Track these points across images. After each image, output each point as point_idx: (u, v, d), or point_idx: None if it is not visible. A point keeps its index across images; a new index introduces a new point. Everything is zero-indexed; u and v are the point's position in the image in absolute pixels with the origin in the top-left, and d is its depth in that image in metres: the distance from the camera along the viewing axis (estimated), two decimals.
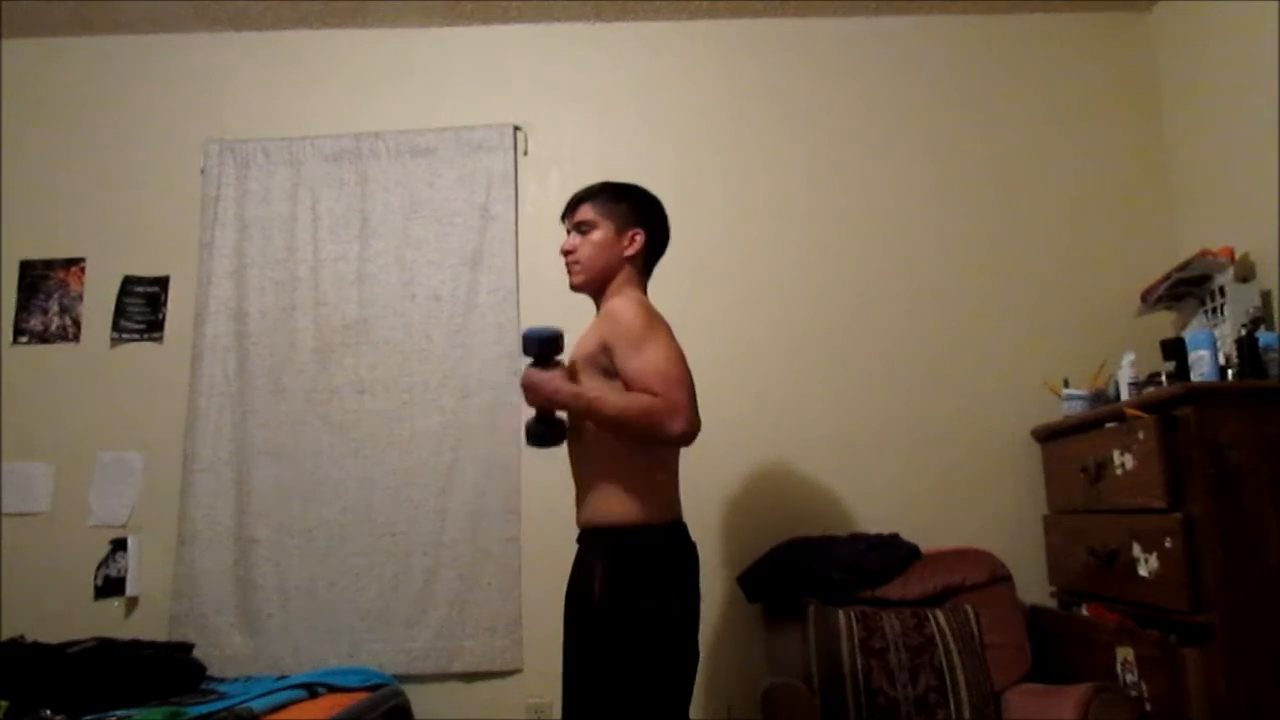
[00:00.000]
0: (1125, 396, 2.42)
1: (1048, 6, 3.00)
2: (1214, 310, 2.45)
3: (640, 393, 1.71)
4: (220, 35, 3.03)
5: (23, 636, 2.36)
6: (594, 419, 1.77)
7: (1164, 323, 2.71)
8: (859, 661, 2.31)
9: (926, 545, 2.59)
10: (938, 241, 2.90)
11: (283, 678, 2.41)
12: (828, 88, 3.00)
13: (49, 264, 2.91)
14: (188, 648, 2.47)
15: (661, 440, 1.73)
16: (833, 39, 3.03)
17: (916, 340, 2.84)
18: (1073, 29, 3.02)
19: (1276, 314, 2.39)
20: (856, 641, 2.34)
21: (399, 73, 3.01)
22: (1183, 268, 2.50)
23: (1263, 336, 2.19)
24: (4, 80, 3.01)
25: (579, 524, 1.85)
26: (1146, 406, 2.18)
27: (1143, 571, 2.13)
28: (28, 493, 2.76)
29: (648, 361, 1.73)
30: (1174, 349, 2.24)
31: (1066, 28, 3.02)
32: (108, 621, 2.64)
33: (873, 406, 2.80)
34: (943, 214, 2.92)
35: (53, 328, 2.88)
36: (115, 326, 2.86)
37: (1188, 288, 2.53)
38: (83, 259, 2.91)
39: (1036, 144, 2.96)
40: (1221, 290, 2.41)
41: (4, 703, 1.96)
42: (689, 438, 1.72)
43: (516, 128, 2.96)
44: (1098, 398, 2.55)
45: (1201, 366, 2.17)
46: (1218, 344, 2.22)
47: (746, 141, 2.97)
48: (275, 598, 2.66)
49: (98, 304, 2.88)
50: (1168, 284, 2.54)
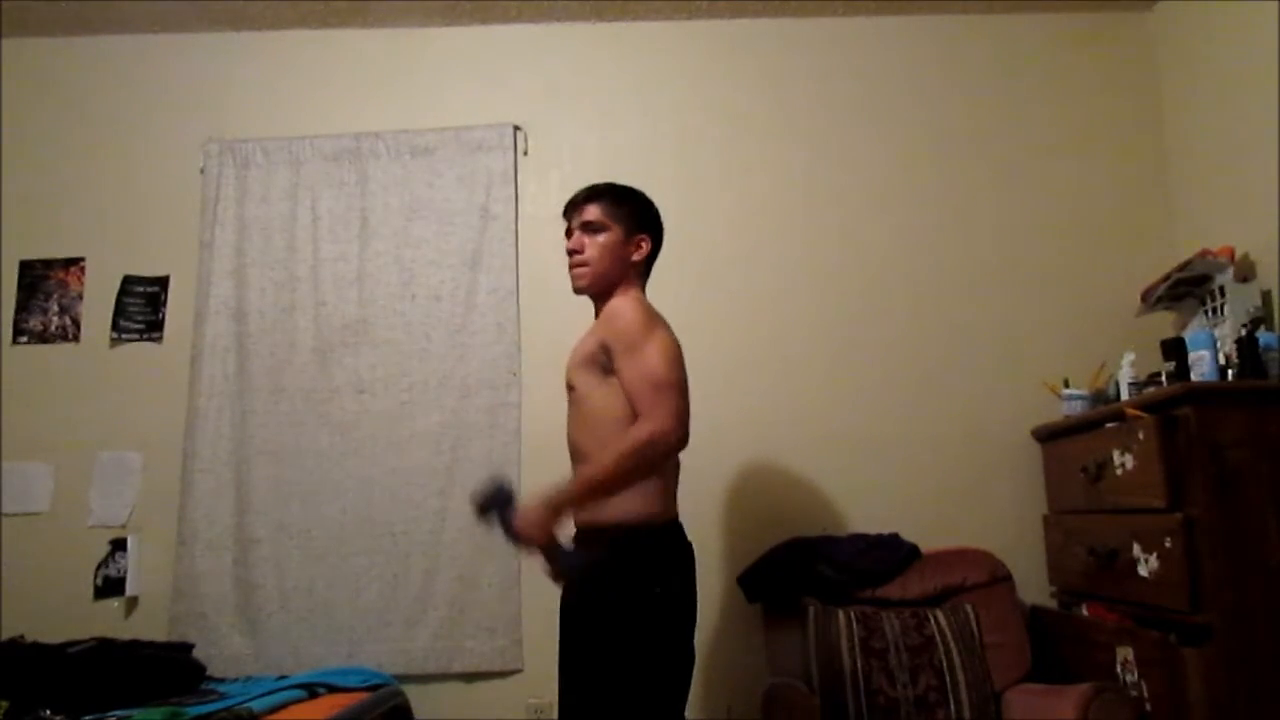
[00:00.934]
0: (1125, 396, 2.42)
1: (1048, 6, 3.00)
2: (1214, 310, 2.45)
3: (623, 425, 1.70)
4: (220, 35, 3.03)
5: (22, 636, 2.36)
6: (598, 494, 1.72)
7: (1164, 323, 2.70)
8: (859, 661, 2.31)
9: (926, 545, 2.59)
10: (938, 241, 2.90)
11: (282, 678, 2.41)
12: (827, 87, 3.00)
13: (49, 264, 2.91)
14: (187, 648, 2.46)
15: (663, 461, 1.73)
16: (833, 39, 3.03)
17: (917, 340, 2.84)
18: (1073, 29, 3.02)
19: (1276, 314, 2.39)
20: (856, 641, 2.34)
21: (399, 72, 3.01)
22: (1183, 268, 2.50)
23: (1263, 336, 2.19)
24: (4, 80, 3.00)
25: (576, 523, 1.84)
26: (1146, 406, 2.18)
27: (1143, 571, 2.13)
28: (27, 493, 2.76)
29: (641, 367, 1.72)
30: (1174, 349, 2.24)
31: (1066, 28, 3.02)
32: (107, 622, 2.64)
33: (873, 406, 2.80)
34: (943, 214, 2.92)
35: (52, 328, 2.88)
36: (115, 326, 2.86)
37: (1188, 288, 2.53)
38: (82, 259, 2.91)
39: (1036, 144, 2.96)
40: (1221, 290, 2.41)
41: (4, 703, 1.95)
42: (683, 444, 1.71)
43: (516, 127, 2.96)
44: (1098, 398, 2.56)
45: (1202, 366, 2.17)
46: (1218, 344, 2.22)
47: (746, 141, 2.97)
48: (275, 598, 2.66)
49: (97, 304, 2.88)
50: (1168, 284, 2.54)
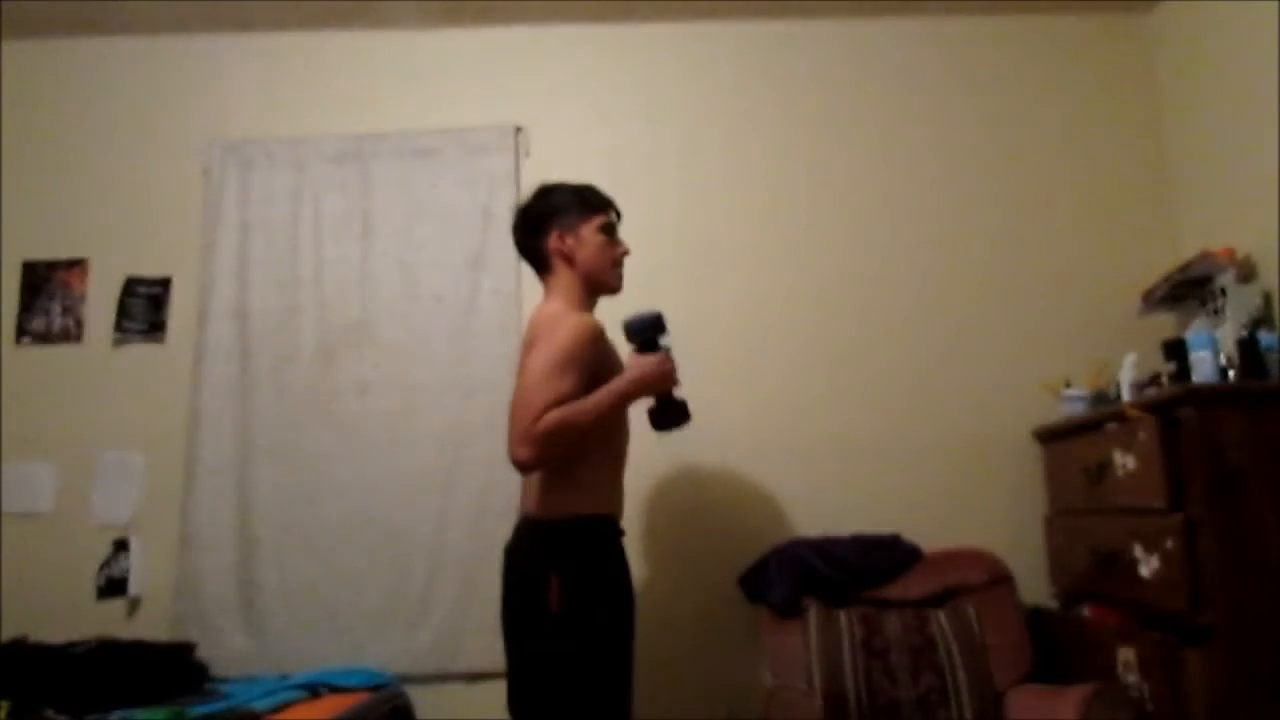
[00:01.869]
0: (1126, 397, 2.42)
1: (1048, 7, 3.00)
2: (1215, 311, 2.45)
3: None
4: (223, 36, 3.03)
5: (25, 637, 2.36)
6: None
7: (1165, 323, 2.71)
8: (860, 662, 2.31)
9: (928, 546, 2.59)
10: (938, 242, 2.91)
11: (285, 678, 2.41)
12: (828, 89, 3.01)
13: (52, 265, 2.91)
14: (190, 648, 2.46)
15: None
16: (833, 41, 3.03)
17: (917, 340, 2.84)
18: (1073, 29, 3.02)
19: (1278, 315, 2.39)
20: (858, 642, 2.35)
21: (401, 74, 3.02)
22: (1184, 268, 2.50)
23: (1264, 337, 2.19)
24: (5, 80, 3.01)
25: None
26: (1147, 407, 2.17)
27: (1143, 572, 2.13)
28: (30, 493, 2.76)
29: None
30: (1175, 350, 2.24)
31: (1066, 28, 3.02)
32: (110, 622, 2.64)
33: (874, 407, 2.80)
34: (943, 214, 2.92)
35: (55, 328, 2.88)
36: (118, 327, 2.86)
37: (1189, 288, 2.53)
38: (85, 260, 2.91)
39: (1037, 144, 2.96)
40: (1223, 291, 2.41)
41: (6, 703, 1.96)
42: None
43: (518, 129, 2.96)
44: (1099, 398, 2.55)
45: (1203, 367, 2.17)
46: (1219, 345, 2.21)
47: (747, 142, 2.97)
48: (277, 598, 2.66)
49: (100, 305, 2.88)
50: (1169, 285, 2.54)
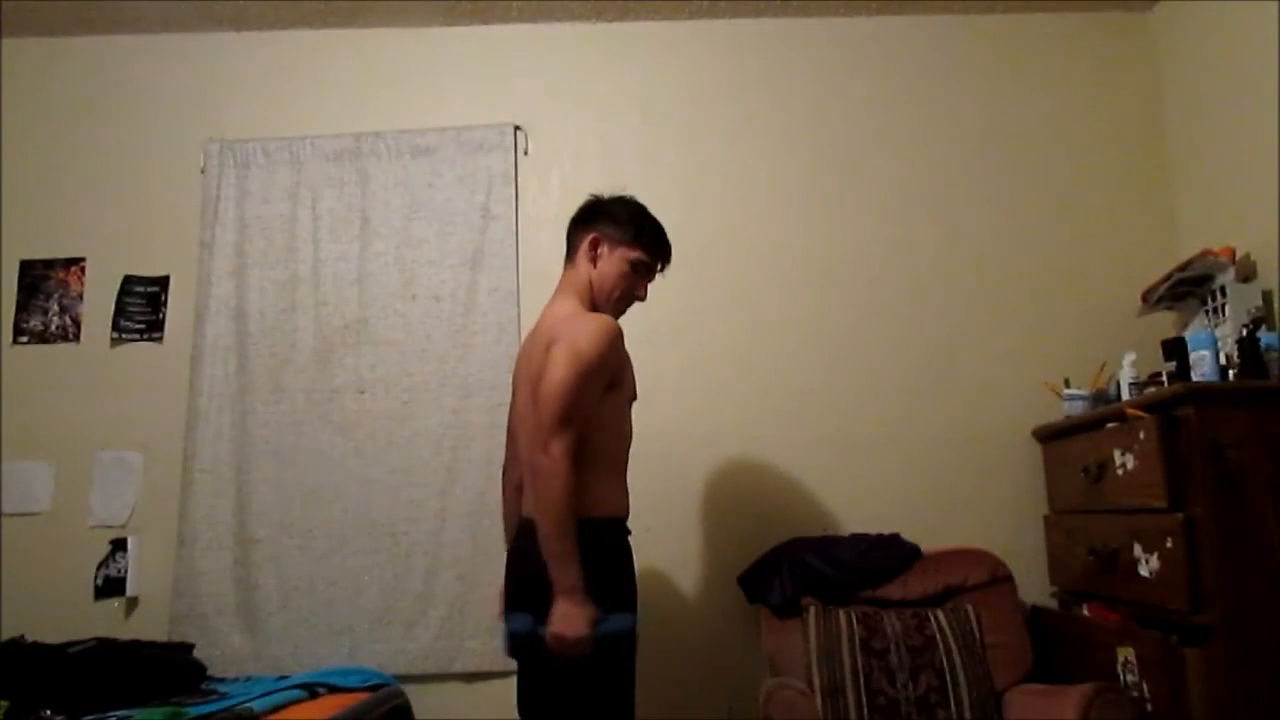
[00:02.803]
0: (1126, 396, 2.42)
1: (1048, 6, 3.00)
2: (1215, 310, 2.45)
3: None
4: (220, 35, 3.03)
5: (23, 636, 2.35)
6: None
7: (1165, 323, 2.70)
8: (860, 661, 2.31)
9: (927, 545, 2.58)
10: (938, 241, 2.90)
11: (283, 678, 2.41)
12: (828, 88, 3.00)
13: (49, 264, 2.91)
14: (188, 648, 2.46)
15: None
16: (833, 39, 3.03)
17: (917, 340, 2.84)
18: (1073, 29, 3.01)
19: (1277, 314, 2.38)
20: (857, 641, 2.34)
21: (399, 72, 3.01)
22: (1184, 267, 2.50)
23: (1264, 336, 2.19)
24: (4, 80, 3.00)
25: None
26: (1147, 407, 2.17)
27: (1143, 572, 2.13)
28: (28, 493, 2.76)
29: None
30: (1175, 349, 2.24)
31: (1066, 28, 3.02)
32: (108, 622, 2.64)
33: (874, 406, 2.80)
34: (943, 213, 2.92)
35: (53, 327, 2.87)
36: (115, 326, 2.86)
37: (1189, 288, 2.53)
38: (83, 259, 2.91)
39: (1037, 144, 2.96)
40: (1223, 290, 2.41)
41: (4, 703, 1.95)
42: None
43: (517, 127, 2.96)
44: (1098, 398, 2.55)
45: (1202, 366, 2.17)
46: (1219, 344, 2.22)
47: (747, 141, 2.97)
48: (275, 598, 2.66)
49: (98, 304, 2.87)
50: (1169, 284, 2.54)
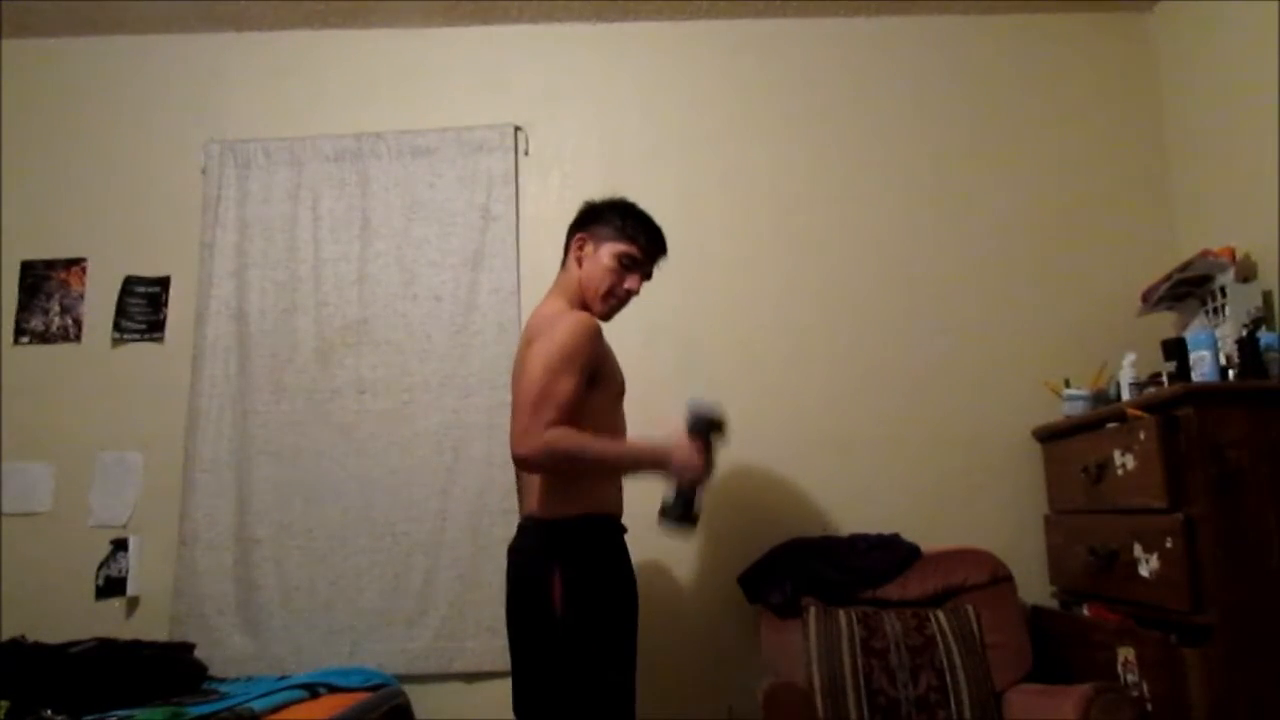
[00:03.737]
0: (1126, 397, 2.42)
1: (1048, 6, 3.00)
2: (1215, 310, 2.45)
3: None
4: (221, 35, 3.03)
5: (23, 636, 2.35)
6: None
7: (1165, 323, 2.70)
8: (860, 661, 2.31)
9: (927, 545, 2.59)
10: (938, 241, 2.90)
11: (284, 678, 2.41)
12: (828, 88, 3.00)
13: (50, 264, 2.91)
14: (189, 648, 2.46)
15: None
16: (833, 39, 3.03)
17: (917, 340, 2.84)
18: (1073, 29, 3.01)
19: (1277, 314, 2.39)
20: (857, 641, 2.34)
21: (399, 73, 3.01)
22: (1184, 268, 2.50)
23: (1264, 337, 2.19)
24: (4, 80, 3.00)
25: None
26: (1147, 407, 2.18)
27: (1143, 572, 2.13)
28: (28, 493, 2.76)
29: None
30: (1175, 349, 2.24)
31: (1066, 28, 3.02)
32: (108, 622, 2.64)
33: (873, 406, 2.80)
34: (943, 213, 2.92)
35: (54, 328, 2.88)
36: (116, 326, 2.86)
37: (1189, 288, 2.53)
38: (84, 259, 2.91)
39: (1037, 144, 2.96)
40: (1223, 290, 2.41)
41: (5, 703, 1.95)
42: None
43: (517, 128, 2.96)
44: (1098, 398, 2.55)
45: (1202, 367, 2.17)
46: (1219, 344, 2.22)
47: (747, 142, 2.97)
48: (276, 598, 2.66)
49: (99, 304, 2.88)
50: (1169, 284, 2.54)
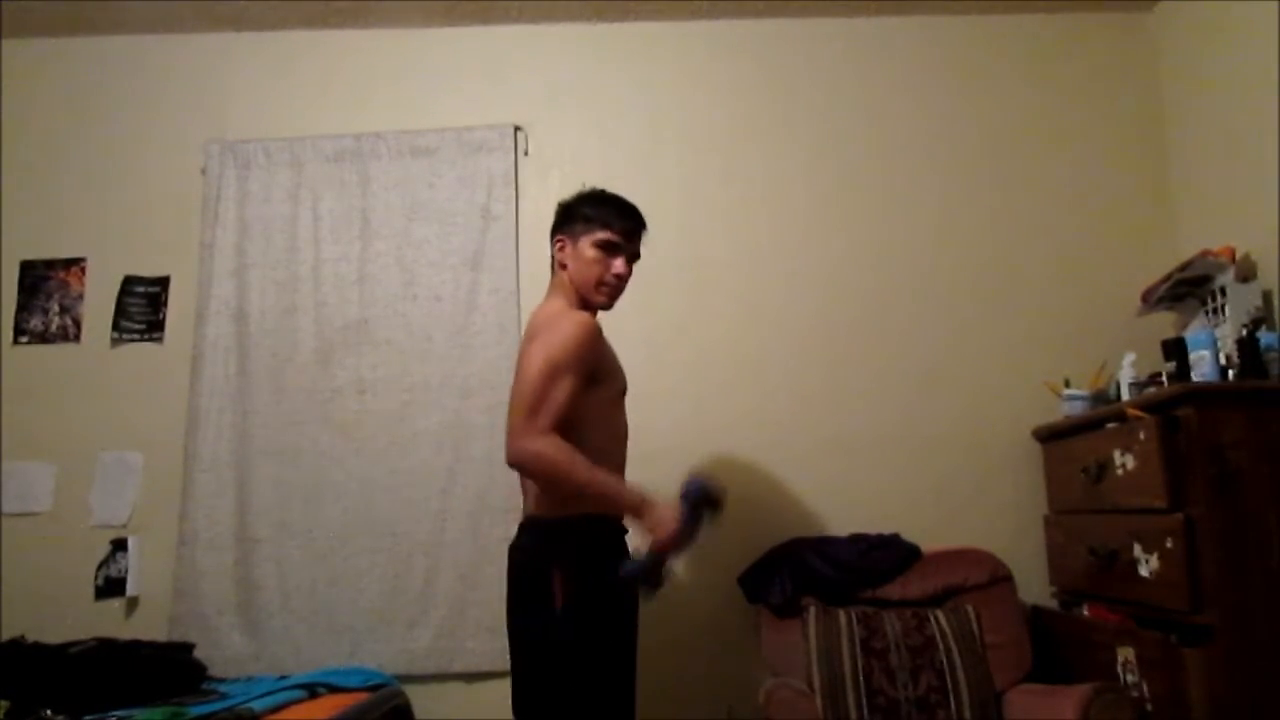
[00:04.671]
0: (1126, 397, 2.42)
1: (1048, 6, 3.00)
2: (1215, 310, 2.45)
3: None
4: (221, 35, 3.03)
5: (23, 637, 2.35)
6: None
7: (1165, 323, 2.70)
8: (860, 662, 2.31)
9: (927, 545, 2.59)
10: (938, 241, 2.90)
11: (283, 678, 2.41)
12: (828, 88, 3.00)
13: (50, 264, 2.91)
14: (188, 648, 2.46)
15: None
16: (833, 39, 3.03)
17: (917, 340, 2.84)
18: (1073, 29, 3.02)
19: (1277, 314, 2.39)
20: (857, 642, 2.34)
21: (399, 73, 3.01)
22: (1183, 268, 2.50)
23: (1264, 336, 2.19)
24: (4, 80, 3.00)
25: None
26: (1147, 407, 2.18)
27: (1143, 572, 2.13)
28: (28, 493, 2.76)
29: None
30: (1175, 349, 2.24)
31: (1066, 28, 3.02)
32: (108, 622, 2.64)
33: (874, 407, 2.80)
34: (943, 214, 2.92)
35: (53, 328, 2.88)
36: (116, 327, 2.86)
37: (1188, 288, 2.53)
38: (83, 259, 2.91)
39: (1037, 144, 2.96)
40: (1222, 290, 2.41)
41: (4, 703, 1.95)
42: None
43: (517, 128, 2.96)
44: (1098, 398, 2.55)
45: (1202, 367, 2.17)
46: (1219, 344, 2.22)
47: (747, 142, 2.97)
48: (276, 598, 2.66)
49: (98, 304, 2.88)
50: (1168, 284, 2.54)
